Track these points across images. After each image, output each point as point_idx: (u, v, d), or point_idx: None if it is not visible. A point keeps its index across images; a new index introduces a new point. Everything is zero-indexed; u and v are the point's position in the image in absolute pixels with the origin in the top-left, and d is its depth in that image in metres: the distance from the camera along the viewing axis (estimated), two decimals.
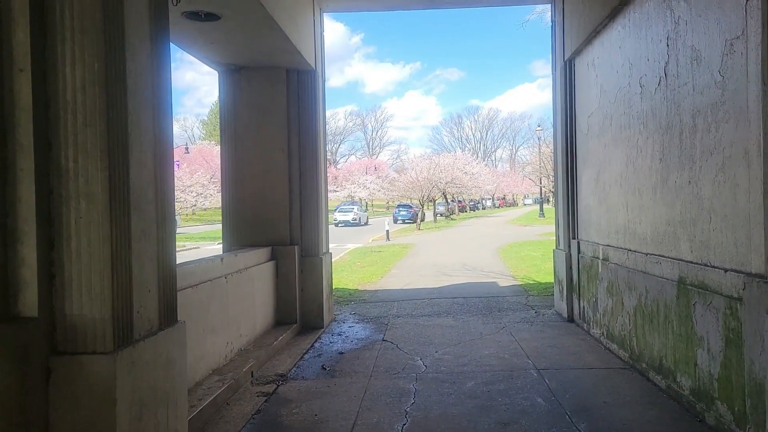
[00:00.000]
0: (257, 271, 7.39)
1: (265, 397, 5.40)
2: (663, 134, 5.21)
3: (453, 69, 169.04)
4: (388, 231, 28.57)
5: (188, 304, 5.11)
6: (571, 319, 8.29)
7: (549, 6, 9.26)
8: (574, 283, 8.14)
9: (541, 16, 19.96)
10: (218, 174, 51.39)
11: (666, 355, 5.09)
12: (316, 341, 7.67)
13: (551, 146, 38.13)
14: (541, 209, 42.38)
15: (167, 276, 3.42)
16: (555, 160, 9.32)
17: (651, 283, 5.40)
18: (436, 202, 46.49)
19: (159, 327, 3.31)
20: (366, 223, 39.38)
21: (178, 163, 51.86)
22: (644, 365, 5.59)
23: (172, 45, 7.36)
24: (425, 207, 41.93)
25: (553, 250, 9.31)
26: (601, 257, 7.03)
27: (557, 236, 9.09)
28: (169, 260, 3.44)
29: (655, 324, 5.32)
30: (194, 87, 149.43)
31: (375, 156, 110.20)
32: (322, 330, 8.32)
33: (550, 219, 38.39)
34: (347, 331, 8.28)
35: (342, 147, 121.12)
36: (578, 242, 8.02)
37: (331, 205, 79.50)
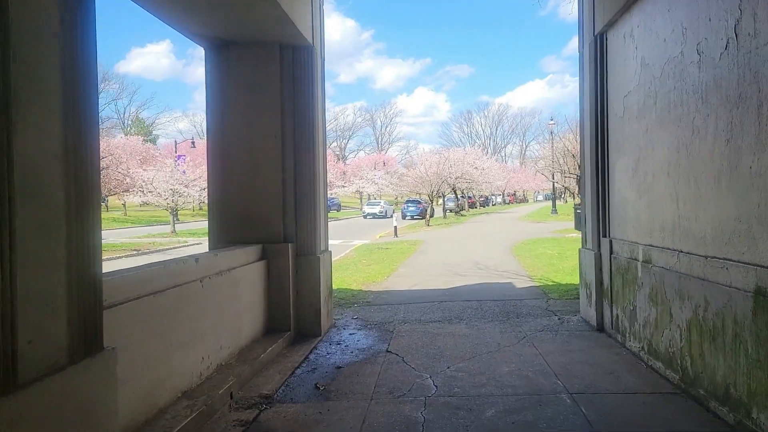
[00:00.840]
0: (244, 273, 6.47)
1: (243, 428, 4.48)
2: (731, 109, 4.22)
3: (464, 65, 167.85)
4: (396, 227, 27.61)
5: (148, 316, 4.20)
6: (600, 328, 7.31)
7: None
8: (605, 287, 7.15)
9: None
10: None
11: (735, 383, 4.11)
12: (311, 352, 6.75)
13: (564, 141, 37.07)
14: (554, 205, 41.20)
15: (86, 288, 2.50)
16: (581, 149, 8.31)
17: (713, 293, 4.42)
18: (446, 197, 45.47)
19: (69, 360, 2.39)
20: (391, 215, 41.46)
21: (183, 157, 51.27)
22: (702, 392, 4.62)
23: (149, 16, 6.46)
24: (434, 203, 40.89)
25: (579, 250, 8.32)
26: (640, 259, 6.04)
27: (584, 234, 8.10)
28: (88, 266, 2.52)
29: (718, 343, 4.34)
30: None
31: (384, 152, 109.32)
32: (320, 338, 7.40)
33: (564, 216, 37.25)
34: (347, 340, 7.35)
35: (351, 143, 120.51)
36: (610, 241, 7.04)
37: (347, 201, 78.63)
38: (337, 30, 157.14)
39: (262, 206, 7.38)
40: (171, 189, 29.59)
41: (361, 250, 20.68)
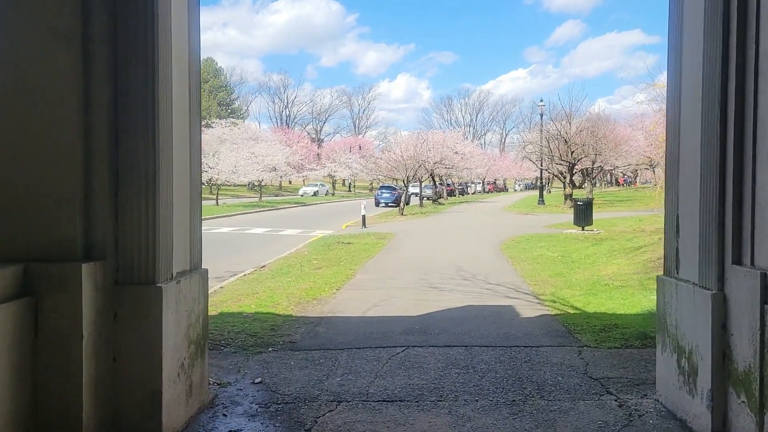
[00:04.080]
0: None
1: None
2: None
3: (448, 52, 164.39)
4: (364, 216, 23.83)
5: None
6: None
7: None
8: (742, 367, 3.49)
9: None
10: None
11: None
12: None
13: (556, 125, 33.44)
14: (541, 195, 37.74)
15: None
16: (673, 129, 4.41)
17: None
18: (423, 184, 41.77)
19: None
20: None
21: None
22: None
23: None
24: (410, 189, 37.14)
25: (661, 280, 4.57)
26: None
27: (676, 254, 4.31)
28: None
29: None
30: None
31: (361, 135, 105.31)
32: None
33: (552, 207, 33.83)
34: None
35: (327, 127, 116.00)
36: (761, 275, 3.34)
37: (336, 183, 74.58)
38: (321, 12, 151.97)
39: (32, 179, 3.55)
40: None
41: (318, 244, 16.87)
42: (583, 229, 18.86)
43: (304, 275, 11.19)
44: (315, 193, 63.09)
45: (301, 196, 60.68)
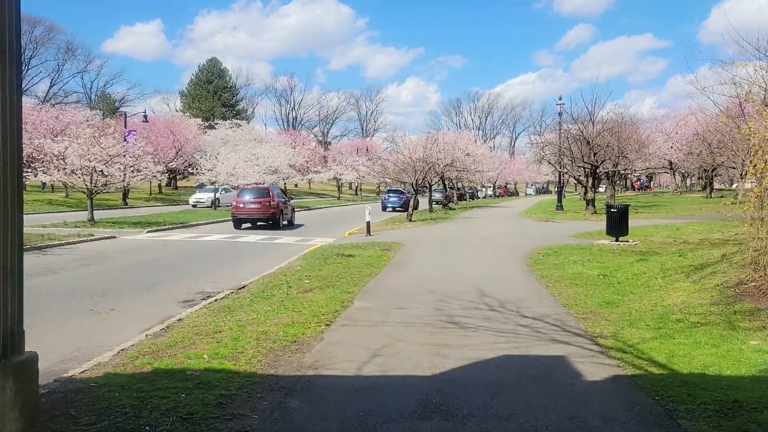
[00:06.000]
0: None
1: None
2: None
3: (457, 56, 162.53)
4: (368, 223, 21.56)
5: None
6: None
7: None
8: None
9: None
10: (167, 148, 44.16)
11: None
12: None
13: (578, 124, 30.95)
14: (560, 200, 35.18)
15: None
16: None
17: None
18: (433, 188, 39.42)
19: None
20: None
21: (134, 132, 44.75)
22: None
23: None
24: (419, 193, 34.78)
25: None
26: None
27: None
28: None
29: None
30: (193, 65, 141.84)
31: (369, 137, 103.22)
32: None
33: (573, 213, 31.23)
34: None
35: (334, 129, 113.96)
36: None
37: (325, 189, 72.40)
38: (331, 15, 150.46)
39: None
40: (88, 166, 23.15)
41: (314, 257, 14.61)
42: (617, 240, 16.49)
43: (288, 301, 8.93)
44: (213, 203, 37.95)
45: (194, 207, 40.06)
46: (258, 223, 24.71)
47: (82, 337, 7.39)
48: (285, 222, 25.82)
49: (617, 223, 16.61)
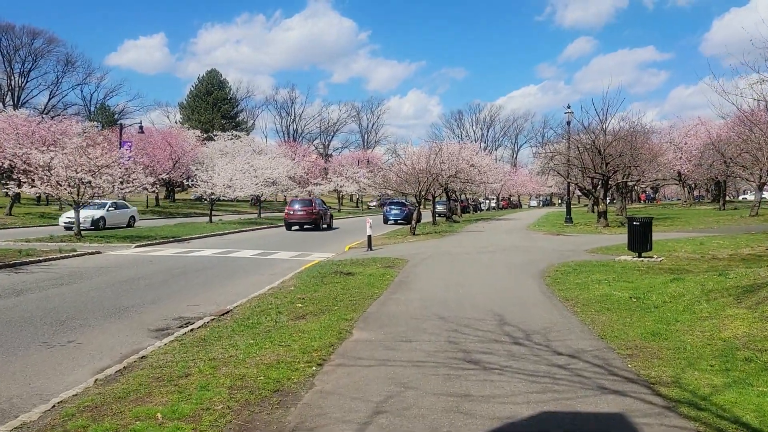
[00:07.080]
0: None
1: None
2: None
3: (459, 68, 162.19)
4: (370, 237, 20.25)
5: None
6: None
7: None
8: None
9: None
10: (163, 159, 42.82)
11: None
12: None
13: (588, 133, 29.64)
14: (569, 213, 33.85)
15: None
16: None
17: None
18: (436, 200, 38.12)
19: None
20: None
21: (129, 143, 43.58)
22: None
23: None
24: (422, 205, 33.52)
25: None
26: None
27: None
28: None
29: None
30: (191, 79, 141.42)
31: (370, 149, 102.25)
32: None
33: (584, 226, 29.79)
34: None
35: (335, 141, 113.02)
36: None
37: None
38: (333, 29, 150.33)
39: None
40: (74, 177, 21.90)
41: (310, 275, 13.28)
42: (640, 256, 15.16)
43: (276, 331, 7.61)
44: (95, 223, 27.76)
45: (66, 229, 26.01)
46: (304, 226, 31.79)
47: (21, 381, 6.07)
48: (324, 225, 32.84)
49: (640, 237, 15.27)
